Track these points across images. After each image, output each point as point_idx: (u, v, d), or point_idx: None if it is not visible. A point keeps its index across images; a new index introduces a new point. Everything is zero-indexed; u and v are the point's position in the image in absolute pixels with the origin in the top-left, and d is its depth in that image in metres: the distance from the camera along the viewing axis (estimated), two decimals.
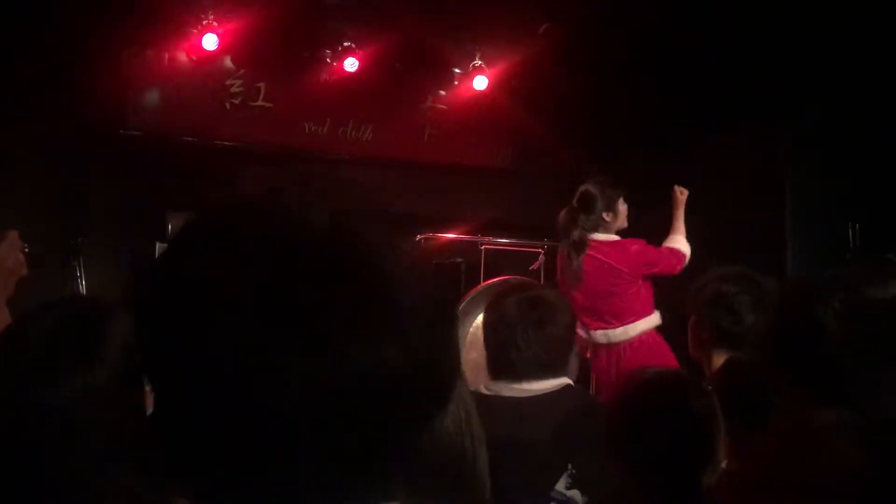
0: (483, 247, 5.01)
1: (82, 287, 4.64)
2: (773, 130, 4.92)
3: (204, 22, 4.77)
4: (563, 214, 3.64)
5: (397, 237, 0.65)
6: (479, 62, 5.42)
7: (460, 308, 4.12)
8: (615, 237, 3.62)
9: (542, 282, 4.28)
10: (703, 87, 4.96)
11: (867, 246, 4.25)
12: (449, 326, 0.63)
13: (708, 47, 4.84)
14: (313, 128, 5.31)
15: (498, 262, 4.98)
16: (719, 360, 2.05)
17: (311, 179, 5.35)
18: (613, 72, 5.14)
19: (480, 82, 5.45)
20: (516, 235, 5.03)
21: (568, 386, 1.98)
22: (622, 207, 3.62)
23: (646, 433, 1.41)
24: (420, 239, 4.40)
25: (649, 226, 3.90)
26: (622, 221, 3.64)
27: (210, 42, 4.77)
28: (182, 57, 5.00)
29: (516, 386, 1.94)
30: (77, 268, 4.64)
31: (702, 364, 2.17)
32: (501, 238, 5.07)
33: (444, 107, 5.61)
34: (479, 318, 2.87)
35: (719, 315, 2.07)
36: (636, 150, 5.19)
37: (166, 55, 5.01)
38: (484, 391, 1.98)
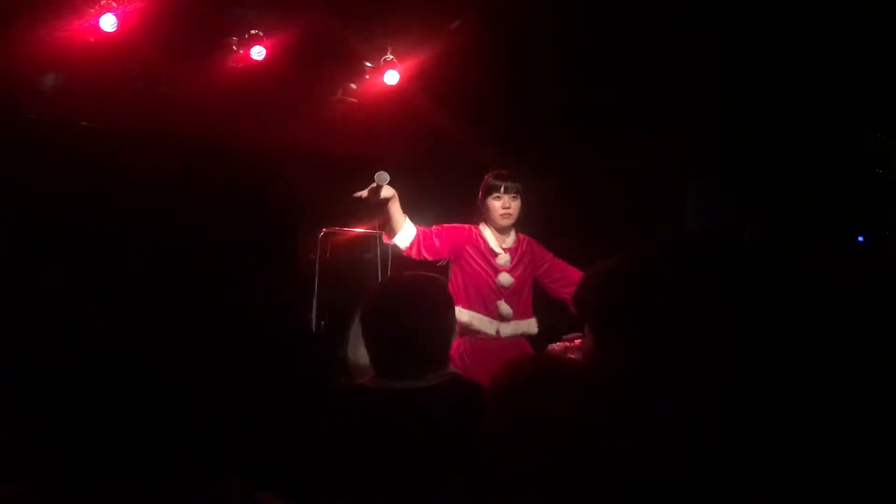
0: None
1: None
2: (678, 133, 5.06)
3: (102, 2, 4.57)
4: None
5: None
6: (391, 56, 5.38)
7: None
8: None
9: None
10: (614, 87, 5.06)
11: (760, 245, 4.42)
12: None
13: (619, 47, 4.94)
14: (218, 116, 5.17)
15: (409, 257, 4.95)
16: None
17: None
18: (524, 70, 5.19)
19: (392, 77, 5.40)
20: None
21: (455, 376, 1.96)
22: (489, 202, 3.76)
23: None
24: (323, 233, 4.33)
25: (558, 221, 3.97)
26: (491, 216, 3.77)
27: (108, 23, 4.58)
28: (79, 38, 4.78)
29: (404, 380, 1.91)
30: None
31: None
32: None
33: (354, 100, 5.55)
34: None
35: None
36: (546, 146, 5.25)
37: (63, 36, 4.78)
38: (371, 386, 1.95)
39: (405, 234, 3.66)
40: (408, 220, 3.69)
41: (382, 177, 3.47)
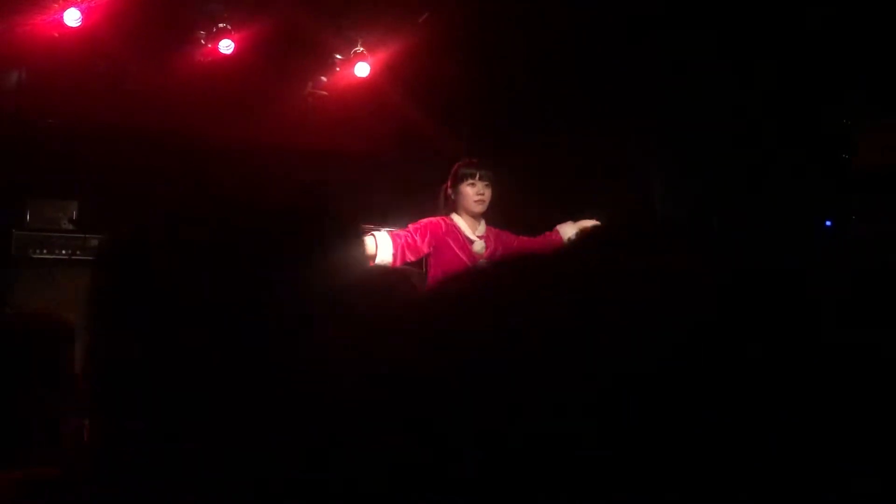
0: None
1: None
2: (644, 124, 5.09)
3: None
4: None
5: None
6: (361, 49, 5.35)
7: None
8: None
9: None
10: (582, 77, 5.07)
11: (726, 231, 4.48)
12: None
13: (587, 37, 4.95)
14: (186, 111, 5.11)
15: None
16: None
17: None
18: (494, 62, 5.19)
19: (362, 69, 5.38)
20: (398, 223, 5.00)
21: None
22: (462, 189, 3.77)
23: None
24: None
25: (524, 212, 3.99)
26: (464, 203, 3.79)
27: (72, 17, 4.51)
28: (43, 33, 4.70)
29: None
30: None
31: None
32: (383, 226, 5.02)
33: (324, 93, 5.52)
34: None
35: None
36: (515, 138, 5.26)
37: (26, 32, 4.70)
38: None
39: (383, 249, 3.67)
40: (375, 235, 3.70)
41: None
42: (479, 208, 3.78)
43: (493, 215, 3.90)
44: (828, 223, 4.81)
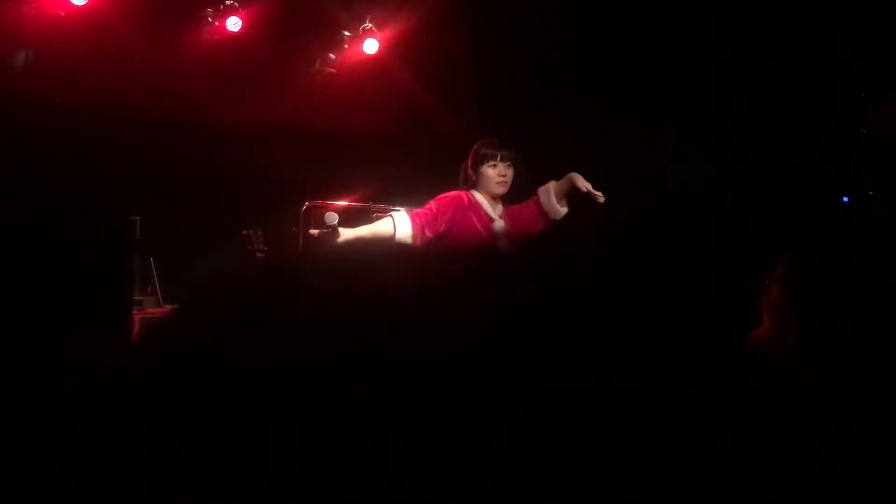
0: (374, 214, 4.92)
1: None
2: (656, 105, 5.02)
3: None
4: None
5: None
6: (370, 25, 5.30)
7: None
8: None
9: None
10: (592, 55, 5.00)
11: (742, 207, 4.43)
12: None
13: (597, 14, 4.88)
14: (193, 90, 5.07)
15: None
16: None
17: None
18: (504, 40, 5.12)
19: (371, 46, 5.32)
20: (407, 202, 4.95)
21: None
22: (483, 170, 3.69)
23: None
24: (306, 206, 4.26)
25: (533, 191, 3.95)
26: (484, 184, 3.71)
27: None
28: (49, 12, 4.66)
29: None
30: None
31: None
32: (394, 205, 4.99)
33: (333, 70, 5.46)
34: None
35: None
36: (525, 118, 5.20)
37: (31, 10, 4.67)
38: None
39: (402, 229, 3.61)
40: (393, 215, 3.64)
41: (332, 217, 3.49)
42: (500, 190, 3.68)
43: (510, 196, 3.83)
44: (845, 199, 4.74)
